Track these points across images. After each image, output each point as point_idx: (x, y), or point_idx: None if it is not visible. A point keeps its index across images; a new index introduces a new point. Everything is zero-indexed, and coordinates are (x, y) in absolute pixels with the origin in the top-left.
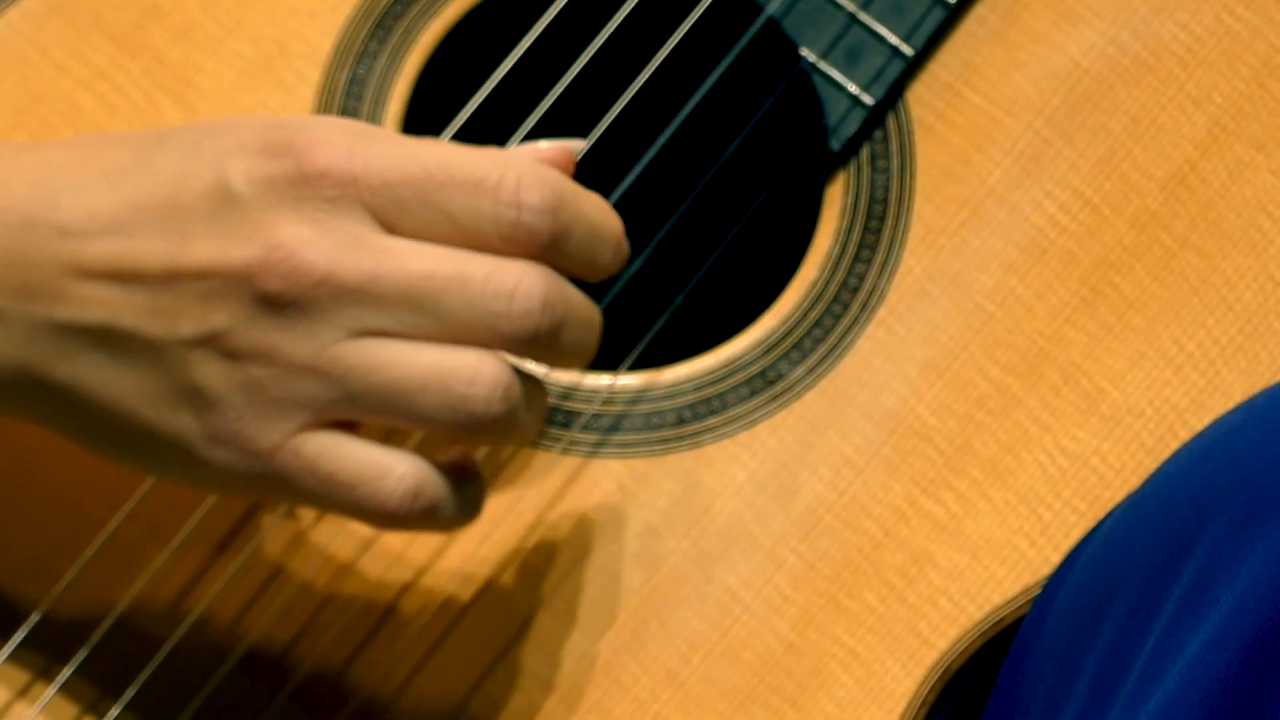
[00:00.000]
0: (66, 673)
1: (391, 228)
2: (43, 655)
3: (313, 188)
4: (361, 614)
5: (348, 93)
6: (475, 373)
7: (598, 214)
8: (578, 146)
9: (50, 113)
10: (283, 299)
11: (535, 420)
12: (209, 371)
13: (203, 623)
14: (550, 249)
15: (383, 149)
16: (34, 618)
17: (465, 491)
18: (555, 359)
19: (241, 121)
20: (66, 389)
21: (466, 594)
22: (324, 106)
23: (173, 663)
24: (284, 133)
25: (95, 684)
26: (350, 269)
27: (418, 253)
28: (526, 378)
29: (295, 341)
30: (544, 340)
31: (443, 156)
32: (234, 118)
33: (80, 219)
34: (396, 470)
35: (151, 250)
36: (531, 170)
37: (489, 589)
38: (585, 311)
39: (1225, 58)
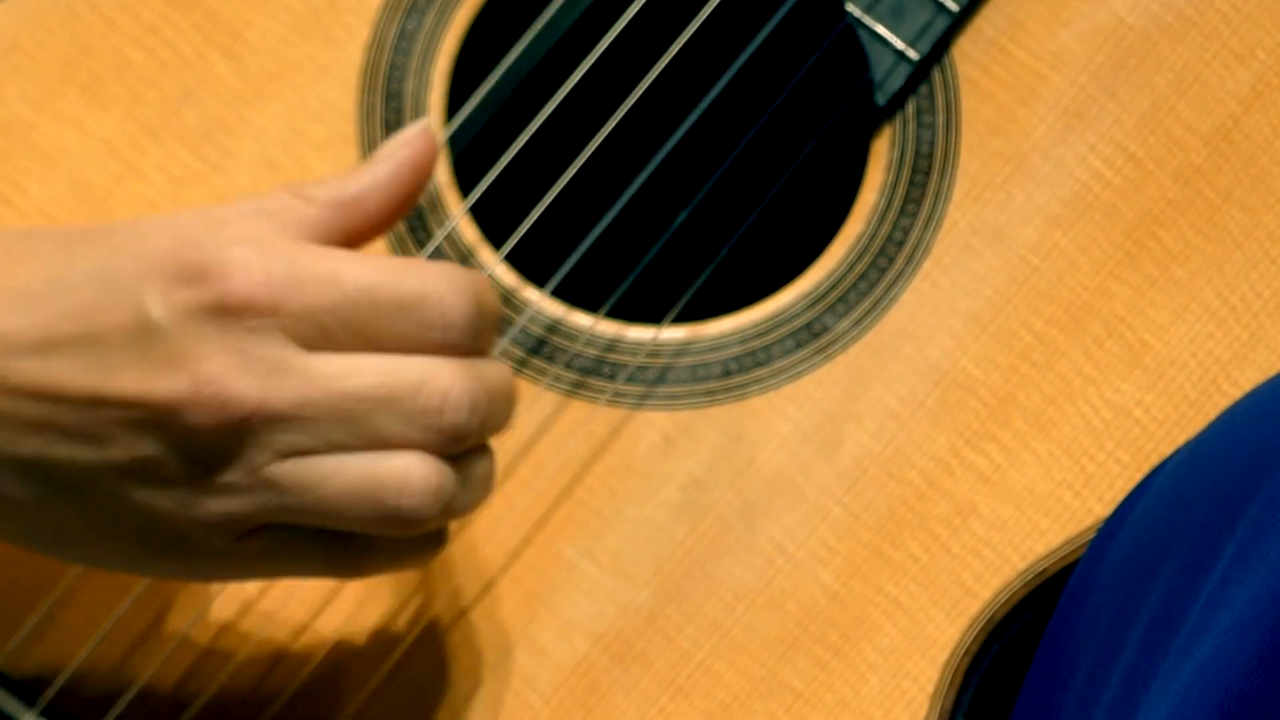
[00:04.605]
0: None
1: (314, 349)
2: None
3: (234, 318)
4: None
5: (396, 48)
6: (405, 483)
7: (498, 307)
8: (422, 129)
9: (100, 67)
10: (213, 433)
11: (478, 497)
12: (142, 497)
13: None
14: (467, 354)
15: (301, 272)
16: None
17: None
18: (481, 440)
19: (152, 235)
20: None
21: (511, 544)
22: (373, 61)
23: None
24: (197, 254)
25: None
26: (279, 398)
27: (345, 371)
28: (460, 461)
29: (226, 469)
30: (474, 438)
31: (362, 278)
32: (145, 225)
33: (0, 344)
34: (339, 545)
35: (75, 374)
36: (451, 285)
37: (533, 539)
38: (503, 388)
39: (1269, 14)
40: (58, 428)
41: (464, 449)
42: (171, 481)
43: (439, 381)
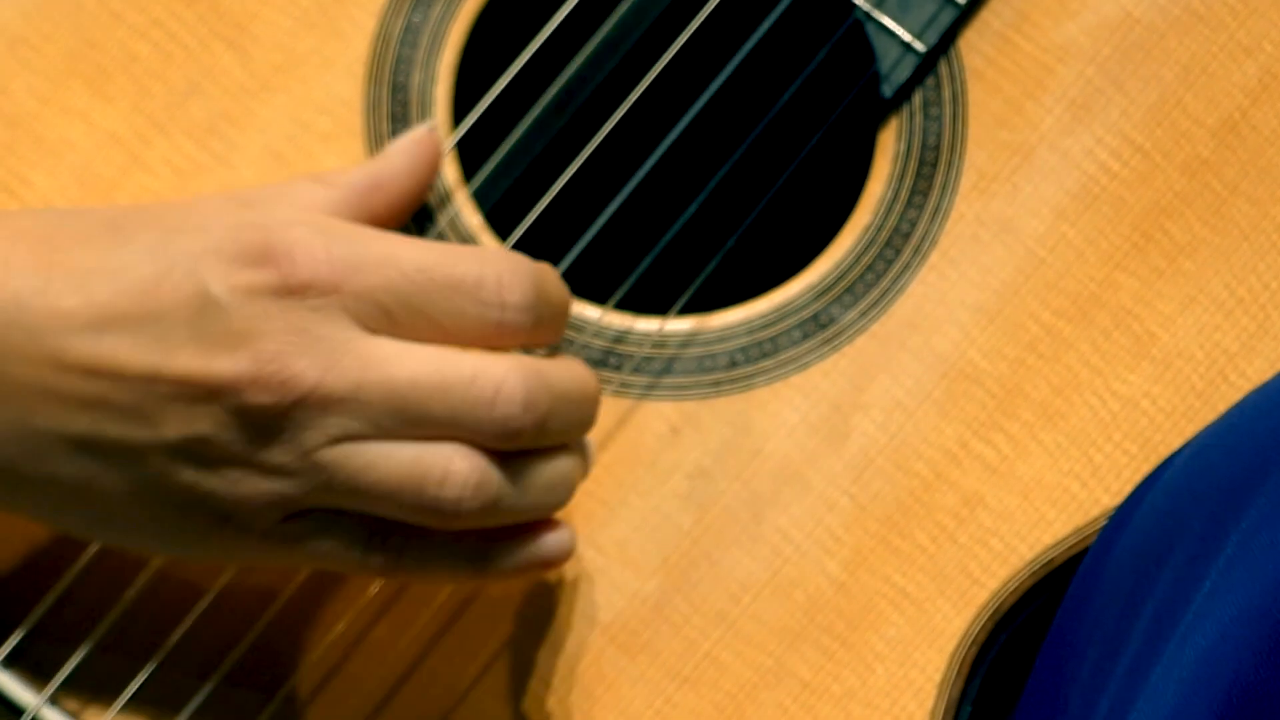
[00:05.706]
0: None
1: (374, 330)
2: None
3: (296, 298)
4: None
5: (402, 41)
6: (446, 474)
7: (564, 296)
8: (428, 130)
9: (107, 60)
10: (270, 411)
11: (537, 501)
12: (191, 476)
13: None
14: (530, 339)
15: (362, 252)
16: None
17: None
18: (550, 443)
19: (209, 215)
20: (43, 484)
21: None
22: (379, 54)
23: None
24: (259, 235)
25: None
26: (336, 380)
27: (400, 357)
28: (510, 464)
29: (277, 449)
30: (529, 437)
31: (421, 259)
32: (198, 206)
33: (55, 322)
34: (378, 539)
35: (133, 352)
36: (509, 267)
37: None
38: (575, 388)
39: (1276, 7)
40: (112, 405)
41: (519, 446)
42: (222, 461)
43: (493, 373)
